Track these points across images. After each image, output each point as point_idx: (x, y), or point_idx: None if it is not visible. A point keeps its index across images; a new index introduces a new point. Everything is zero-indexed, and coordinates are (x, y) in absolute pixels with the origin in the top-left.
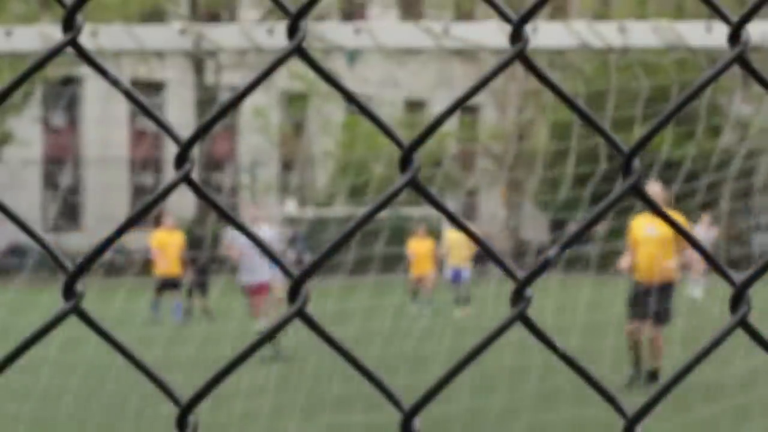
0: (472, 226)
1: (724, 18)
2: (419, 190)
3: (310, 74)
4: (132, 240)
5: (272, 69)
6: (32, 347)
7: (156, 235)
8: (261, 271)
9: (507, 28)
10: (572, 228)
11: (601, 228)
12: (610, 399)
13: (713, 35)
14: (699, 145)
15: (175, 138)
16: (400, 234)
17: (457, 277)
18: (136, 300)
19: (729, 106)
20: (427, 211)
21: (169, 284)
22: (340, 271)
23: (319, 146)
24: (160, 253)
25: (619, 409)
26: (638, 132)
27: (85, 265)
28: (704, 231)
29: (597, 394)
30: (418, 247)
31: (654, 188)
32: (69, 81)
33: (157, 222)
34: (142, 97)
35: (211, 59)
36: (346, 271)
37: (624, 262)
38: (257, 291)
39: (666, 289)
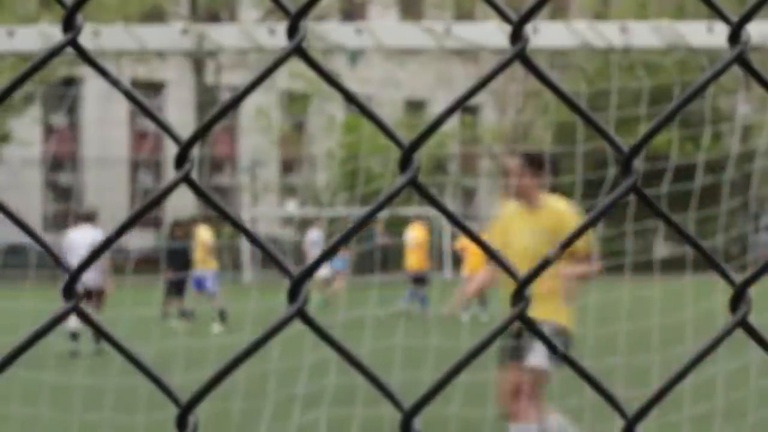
0: (473, 227)
1: (724, 18)
2: (419, 190)
3: (311, 73)
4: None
5: (272, 69)
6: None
7: (414, 232)
8: None
9: (507, 28)
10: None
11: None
12: (609, 398)
13: (714, 35)
14: (704, 147)
15: (175, 138)
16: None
17: (200, 285)
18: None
19: (729, 107)
20: (426, 211)
21: (419, 279)
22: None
23: (320, 146)
24: (414, 250)
25: (619, 409)
26: (642, 132)
27: (85, 266)
28: None
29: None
30: (470, 245)
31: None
32: (69, 81)
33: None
34: (142, 98)
35: (212, 59)
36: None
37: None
38: None
39: None
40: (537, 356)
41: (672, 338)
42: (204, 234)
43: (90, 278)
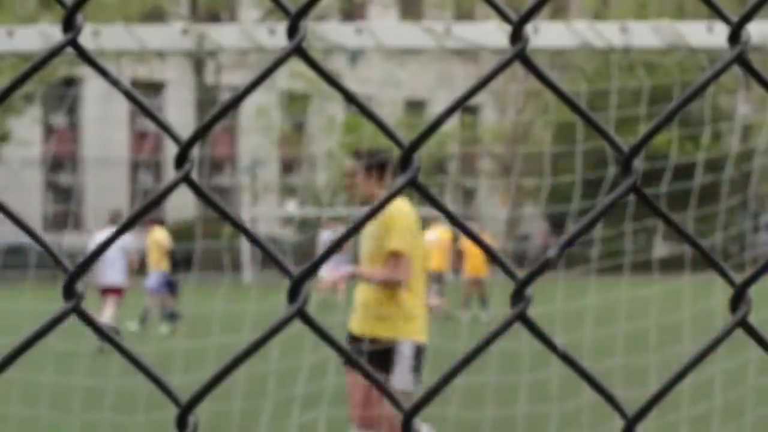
0: (474, 227)
1: (724, 18)
2: (419, 190)
3: (311, 74)
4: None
5: (272, 69)
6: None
7: (438, 232)
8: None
9: (507, 28)
10: (572, 228)
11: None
12: (609, 398)
13: (714, 35)
14: (703, 146)
15: (175, 138)
16: None
17: (154, 284)
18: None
19: (729, 107)
20: (426, 211)
21: (436, 278)
22: None
23: (320, 146)
24: (438, 250)
25: (618, 409)
26: (642, 131)
27: (85, 265)
28: None
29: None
30: (472, 246)
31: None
32: (69, 81)
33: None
34: (142, 98)
35: (212, 59)
36: None
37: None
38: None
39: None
40: (401, 378)
41: (670, 338)
42: (159, 235)
43: (112, 276)
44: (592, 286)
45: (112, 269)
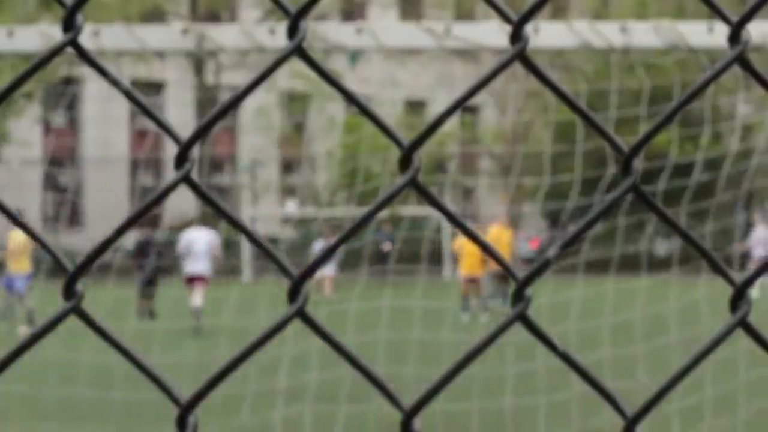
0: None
1: (724, 18)
2: (419, 190)
3: (312, 74)
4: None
5: (272, 69)
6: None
7: (496, 233)
8: None
9: (507, 28)
10: (572, 229)
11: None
12: (609, 399)
13: (714, 35)
14: (703, 147)
15: (175, 138)
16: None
17: (11, 284)
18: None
19: (729, 107)
20: (427, 211)
21: (503, 277)
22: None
23: (320, 146)
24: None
25: (618, 409)
26: (642, 131)
27: (85, 265)
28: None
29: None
30: (468, 244)
31: None
32: (69, 81)
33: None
34: (142, 97)
35: (212, 59)
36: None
37: None
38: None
39: None
40: None
41: (656, 329)
42: (18, 235)
43: (200, 266)
44: (579, 282)
45: (200, 261)
